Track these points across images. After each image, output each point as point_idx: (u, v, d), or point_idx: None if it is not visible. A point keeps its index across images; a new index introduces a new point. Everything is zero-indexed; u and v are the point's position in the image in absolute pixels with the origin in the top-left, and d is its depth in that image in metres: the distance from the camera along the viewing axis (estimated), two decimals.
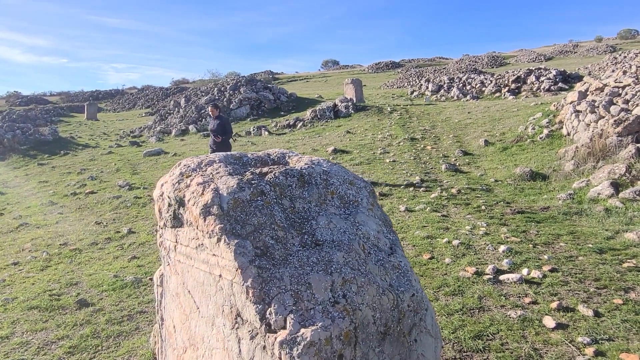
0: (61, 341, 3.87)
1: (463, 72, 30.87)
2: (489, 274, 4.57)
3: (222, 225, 1.64)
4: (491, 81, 20.79)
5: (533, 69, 20.40)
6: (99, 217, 8.57)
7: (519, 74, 19.93)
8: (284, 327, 1.47)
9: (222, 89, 24.19)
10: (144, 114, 33.54)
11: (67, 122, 30.20)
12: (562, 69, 20.42)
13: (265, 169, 1.93)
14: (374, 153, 11.60)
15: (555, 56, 47.65)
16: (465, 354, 3.34)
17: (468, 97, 20.03)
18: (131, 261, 5.97)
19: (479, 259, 5.03)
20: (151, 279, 5.20)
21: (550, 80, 18.71)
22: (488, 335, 3.54)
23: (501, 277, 4.49)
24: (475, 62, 46.15)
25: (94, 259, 6.26)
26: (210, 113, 10.18)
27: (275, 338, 1.45)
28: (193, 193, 1.77)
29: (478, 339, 3.50)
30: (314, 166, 1.99)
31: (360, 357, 1.53)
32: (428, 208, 7.00)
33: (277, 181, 1.85)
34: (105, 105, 44.49)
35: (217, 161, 1.97)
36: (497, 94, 19.51)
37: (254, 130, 17.80)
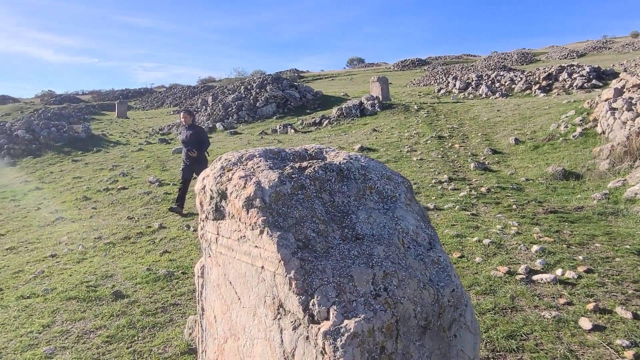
0: (99, 330, 4.00)
1: (492, 69, 30.30)
2: (521, 274, 4.49)
3: (264, 217, 1.67)
4: (521, 78, 20.35)
5: (565, 65, 19.86)
6: (130, 212, 8.79)
7: (550, 71, 19.44)
8: (327, 318, 1.50)
9: (249, 87, 24.42)
10: (172, 112, 34.18)
11: (99, 120, 31.06)
12: (596, 66, 19.81)
13: (304, 164, 1.95)
14: (400, 151, 11.52)
15: (588, 52, 46.24)
16: (498, 353, 3.30)
17: (497, 94, 19.66)
18: (163, 255, 6.11)
19: (511, 258, 4.95)
20: (183, 273, 5.32)
21: (584, 77, 18.18)
22: (521, 335, 3.49)
23: (534, 277, 4.41)
24: (505, 59, 45.23)
25: (127, 253, 6.43)
26: (182, 121, 8.66)
27: (319, 329, 1.47)
28: (235, 186, 1.81)
29: (511, 338, 3.45)
30: (352, 161, 2.00)
31: (402, 351, 1.54)
32: (457, 206, 6.92)
33: (316, 175, 1.87)
34: (134, 104, 45.51)
35: (257, 155, 2.01)
36: (528, 92, 19.09)
37: (280, 128, 17.92)
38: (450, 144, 11.91)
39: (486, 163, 9.88)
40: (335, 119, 17.76)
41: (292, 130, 17.36)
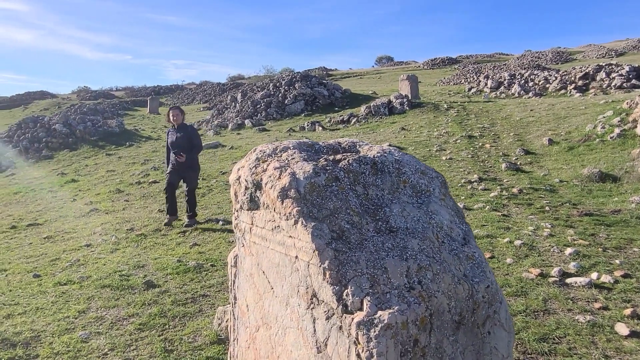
0: (132, 318, 4.12)
1: (525, 68, 29.56)
2: (554, 277, 4.38)
3: (299, 208, 1.69)
4: (556, 77, 19.78)
5: (603, 64, 19.19)
6: (161, 205, 8.98)
7: (587, 70, 18.83)
8: (361, 309, 1.50)
9: (277, 84, 24.58)
10: (202, 109, 34.76)
11: (132, 116, 31.88)
12: (636, 65, 19.06)
13: (338, 156, 1.96)
14: (429, 150, 11.39)
15: (628, 51, 44.51)
16: (529, 356, 3.24)
17: (530, 94, 19.17)
18: (192, 248, 6.23)
19: (543, 260, 4.84)
20: (212, 265, 5.41)
21: (623, 77, 17.53)
22: (554, 339, 3.40)
23: (568, 280, 4.30)
24: (539, 57, 44.04)
25: (158, 244, 6.58)
26: (171, 120, 7.39)
27: (352, 319, 1.47)
28: (270, 177, 1.83)
29: (543, 341, 3.37)
30: (386, 155, 1.99)
31: (435, 345, 1.53)
32: (487, 207, 6.79)
33: (350, 168, 1.88)
34: (166, 100, 46.48)
35: (292, 147, 2.03)
36: (563, 91, 18.54)
37: (308, 125, 17.98)
38: (480, 144, 11.70)
39: (518, 163, 9.65)
40: (364, 117, 17.69)
41: (320, 128, 17.38)
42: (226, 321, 3.56)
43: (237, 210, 2.07)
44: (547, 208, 6.65)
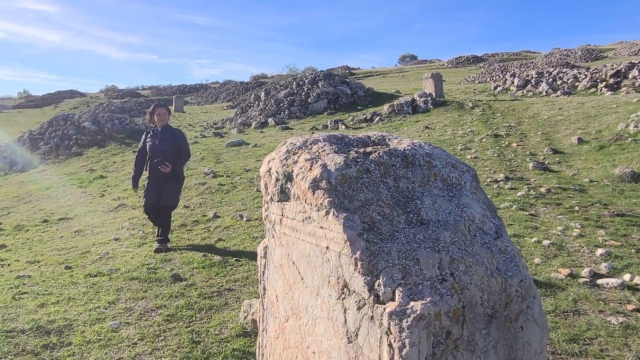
0: (159, 310, 4.20)
1: (553, 66, 28.89)
2: (584, 277, 4.28)
3: (330, 199, 1.69)
4: (586, 75, 19.26)
5: (635, 62, 18.60)
6: (186, 201, 9.12)
7: (618, 68, 18.28)
8: (393, 299, 1.50)
9: (301, 83, 24.66)
10: (225, 107, 35.15)
11: None
12: None
13: (368, 149, 1.96)
14: (454, 149, 11.25)
15: None
16: (559, 356, 3.17)
17: (558, 92, 18.73)
18: (217, 243, 6.31)
19: (573, 261, 4.73)
20: (237, 260, 5.47)
21: None
22: (585, 340, 3.32)
23: (599, 281, 4.19)
24: (567, 55, 42.96)
25: (184, 239, 6.69)
26: (156, 120, 6.07)
27: (384, 309, 1.47)
28: (301, 168, 1.85)
29: (573, 342, 3.30)
30: (416, 148, 1.98)
31: (467, 337, 1.52)
32: (514, 206, 6.68)
33: (381, 160, 1.87)
34: (190, 99, 47.17)
35: (322, 140, 2.04)
36: (593, 90, 18.05)
37: (330, 124, 17.98)
38: (507, 143, 11.49)
39: (546, 163, 9.45)
40: (387, 116, 17.59)
41: (343, 127, 17.36)
42: (252, 314, 3.60)
43: (267, 202, 2.09)
44: (576, 208, 6.49)
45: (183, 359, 3.32)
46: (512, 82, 22.12)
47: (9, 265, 6.09)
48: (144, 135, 6.29)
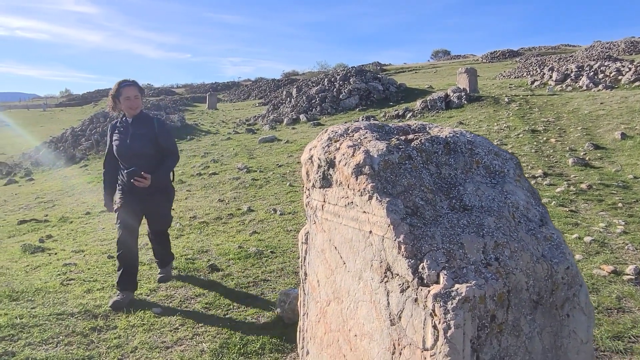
0: (198, 297, 4.33)
1: (594, 59, 27.81)
2: (629, 275, 4.14)
3: (373, 184, 1.72)
4: (630, 69, 18.46)
5: None
6: (221, 195, 9.31)
7: None
8: (437, 282, 1.51)
9: (332, 79, 24.66)
10: (257, 104, 35.54)
11: (192, 111, 33.15)
12: None
13: (409, 136, 1.97)
14: None
15: None
16: (602, 353, 3.09)
17: (600, 86, 18.03)
18: (252, 235, 6.42)
19: (617, 258, 4.58)
20: (272, 252, 5.56)
21: None
22: (630, 338, 3.23)
23: None
24: (609, 48, 41.24)
25: (219, 232, 6.84)
26: (124, 106, 3.96)
27: (429, 291, 1.49)
28: (344, 155, 1.88)
29: (617, 339, 3.21)
30: (458, 135, 1.98)
31: (512, 322, 1.51)
32: (553, 202, 6.50)
33: (423, 147, 1.88)
34: (223, 96, 47.91)
35: (363, 128, 2.06)
36: (637, 83, 17.29)
37: (362, 120, 17.92)
38: (545, 138, 11.17)
39: (587, 159, 9.14)
40: (419, 112, 17.39)
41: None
42: (288, 303, 3.66)
43: (308, 189, 2.13)
44: (620, 205, 6.27)
45: (222, 345, 3.42)
46: (551, 77, 21.43)
47: (55, 254, 6.38)
48: (109, 131, 4.23)
